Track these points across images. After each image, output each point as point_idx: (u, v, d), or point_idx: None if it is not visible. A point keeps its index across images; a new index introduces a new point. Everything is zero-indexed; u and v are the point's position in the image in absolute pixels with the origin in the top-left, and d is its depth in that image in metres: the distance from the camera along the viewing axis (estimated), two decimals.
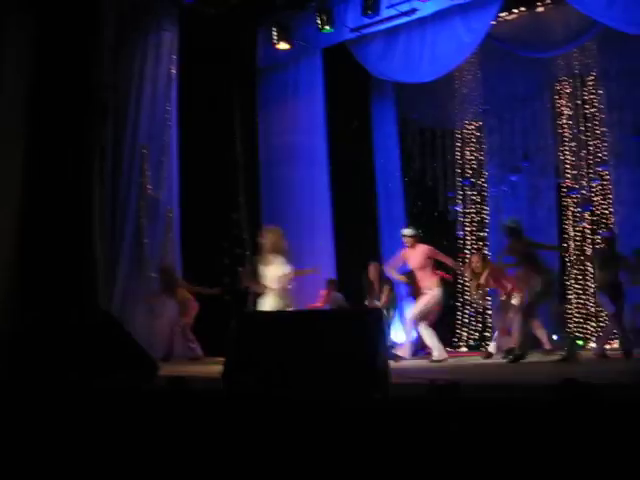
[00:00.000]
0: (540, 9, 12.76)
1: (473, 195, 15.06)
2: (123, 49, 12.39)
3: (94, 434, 4.31)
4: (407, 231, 10.57)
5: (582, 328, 13.31)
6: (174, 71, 12.87)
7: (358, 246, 13.36)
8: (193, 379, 5.83)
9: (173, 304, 12.02)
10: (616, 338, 10.76)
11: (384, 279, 11.50)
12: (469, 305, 14.65)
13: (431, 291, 10.15)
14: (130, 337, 5.94)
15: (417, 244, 10.34)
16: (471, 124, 15.20)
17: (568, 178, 13.88)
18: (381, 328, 5.24)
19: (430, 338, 10.04)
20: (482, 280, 10.66)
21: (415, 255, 10.28)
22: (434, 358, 9.78)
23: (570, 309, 13.37)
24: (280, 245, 9.05)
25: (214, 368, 6.49)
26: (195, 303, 12.05)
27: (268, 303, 8.87)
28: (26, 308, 9.86)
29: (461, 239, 14.95)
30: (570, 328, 13.23)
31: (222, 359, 5.53)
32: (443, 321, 12.04)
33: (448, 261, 10.66)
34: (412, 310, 10.35)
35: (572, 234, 13.72)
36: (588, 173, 13.66)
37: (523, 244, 9.39)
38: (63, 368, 5.18)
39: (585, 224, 13.61)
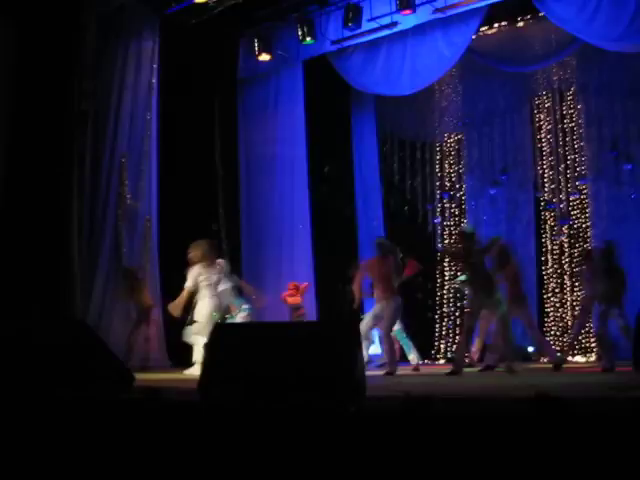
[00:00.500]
0: (520, 24, 12.88)
1: (452, 208, 15.10)
2: (104, 58, 12.37)
3: (68, 445, 4.28)
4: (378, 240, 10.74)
5: (560, 341, 13.35)
6: (154, 80, 12.85)
7: (337, 256, 13.35)
8: (168, 390, 5.80)
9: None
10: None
11: None
12: (447, 318, 14.68)
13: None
14: (106, 347, 5.91)
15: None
16: (451, 137, 15.24)
17: (546, 192, 13.94)
18: (357, 340, 5.24)
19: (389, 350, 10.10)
20: None
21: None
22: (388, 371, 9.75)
23: (547, 322, 13.41)
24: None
25: (190, 379, 6.46)
26: (157, 312, 12.06)
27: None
28: (0, 318, 9.79)
29: (440, 252, 14.97)
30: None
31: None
32: (421, 333, 12.06)
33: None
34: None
35: (550, 247, 13.77)
36: (566, 187, 13.72)
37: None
38: (36, 379, 5.14)
39: (563, 238, 13.67)
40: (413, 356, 11.07)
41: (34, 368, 5.29)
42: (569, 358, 11.84)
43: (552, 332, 13.37)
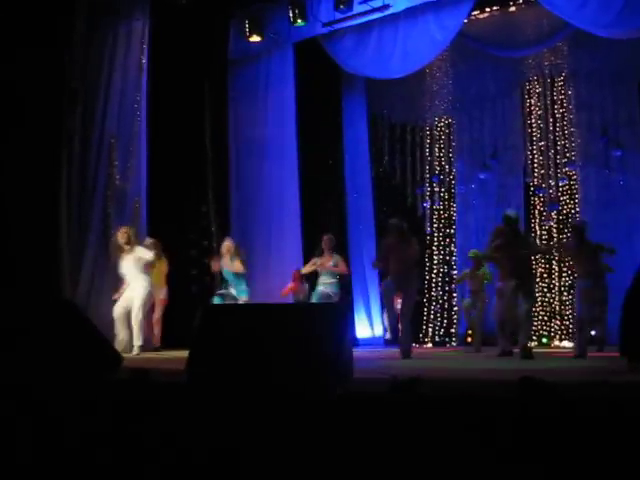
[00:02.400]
0: (512, 9, 12.85)
1: (442, 192, 15.13)
2: (93, 37, 12.30)
3: (55, 425, 4.28)
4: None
5: (547, 326, 13.43)
6: (144, 61, 12.76)
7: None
8: (156, 371, 5.81)
9: None
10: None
11: None
12: (435, 301, 14.74)
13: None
14: (93, 328, 5.90)
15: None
16: (441, 121, 15.26)
17: (536, 177, 13.98)
18: (346, 322, 5.26)
19: None
20: None
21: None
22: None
23: (535, 307, 13.46)
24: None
25: (179, 360, 6.47)
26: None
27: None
28: None
29: (429, 235, 15.02)
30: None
31: (187, 351, 5.51)
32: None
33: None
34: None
35: (539, 232, 13.82)
36: (556, 172, 13.77)
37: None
38: (23, 358, 5.14)
39: (552, 223, 13.72)
40: None
41: (18, 347, 5.29)
42: None
43: (540, 317, 13.43)
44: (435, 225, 15.07)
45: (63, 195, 11.64)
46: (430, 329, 14.68)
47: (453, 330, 14.44)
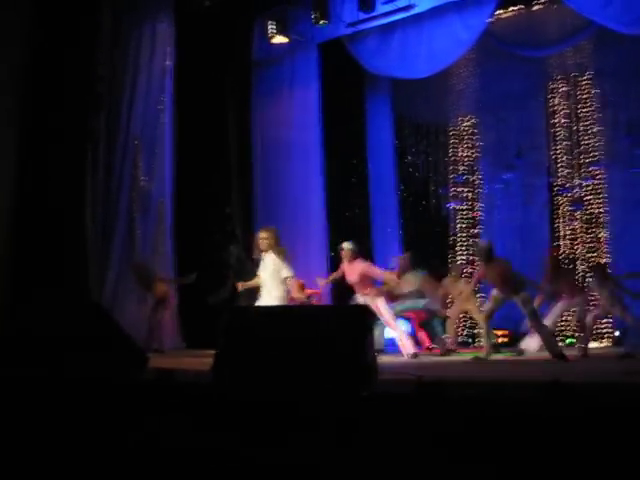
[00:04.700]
0: (536, 7, 12.77)
1: (466, 192, 15.06)
2: (118, 40, 12.38)
3: (83, 424, 4.32)
4: (346, 245, 10.34)
5: (571, 326, 13.32)
6: (169, 63, 12.84)
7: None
8: (183, 372, 5.85)
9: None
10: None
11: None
12: None
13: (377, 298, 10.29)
14: (120, 329, 5.95)
15: (354, 260, 10.22)
16: (465, 121, 15.19)
17: (561, 177, 13.90)
18: (369, 325, 5.26)
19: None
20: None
21: (353, 271, 10.22)
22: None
23: None
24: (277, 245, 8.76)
25: (205, 361, 6.48)
26: (173, 298, 12.10)
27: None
28: (18, 300, 9.86)
29: (453, 235, 14.96)
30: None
31: (213, 352, 5.54)
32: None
33: (383, 277, 10.65)
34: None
35: (563, 233, 13.74)
36: (581, 172, 13.68)
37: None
38: (53, 360, 5.19)
39: (577, 223, 13.63)
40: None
41: (48, 349, 5.34)
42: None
43: (563, 316, 13.33)
44: (460, 225, 15.00)
45: (89, 198, 11.72)
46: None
47: (476, 331, 14.36)
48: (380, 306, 10.10)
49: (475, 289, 11.65)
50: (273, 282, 8.40)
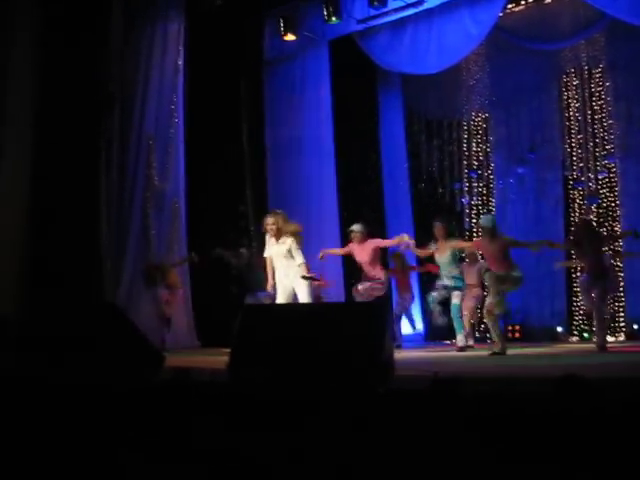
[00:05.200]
0: (547, 0, 12.74)
1: (480, 187, 15.04)
2: (130, 40, 12.41)
3: (100, 426, 4.33)
4: (356, 227, 10.53)
5: (588, 320, 13.29)
6: (181, 62, 12.87)
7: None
8: (199, 370, 5.87)
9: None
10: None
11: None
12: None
13: (381, 280, 10.43)
14: (136, 329, 5.96)
15: (365, 241, 10.44)
16: (478, 116, 15.17)
17: (575, 170, 13.85)
18: (385, 320, 5.26)
19: None
20: None
21: (364, 251, 10.38)
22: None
23: (576, 301, 13.33)
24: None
25: (220, 359, 6.50)
26: (180, 291, 12.15)
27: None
28: (32, 302, 9.91)
29: (467, 230, 14.94)
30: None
31: (228, 350, 5.55)
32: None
33: (393, 242, 10.77)
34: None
35: None
36: (595, 165, 13.63)
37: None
38: (68, 361, 5.21)
39: (591, 217, 13.58)
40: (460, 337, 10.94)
41: (64, 350, 5.36)
42: None
43: (581, 312, 13.31)
44: (474, 220, 14.97)
45: (103, 198, 11.76)
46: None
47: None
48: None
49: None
50: (289, 267, 8.48)
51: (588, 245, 9.49)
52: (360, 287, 10.41)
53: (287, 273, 8.58)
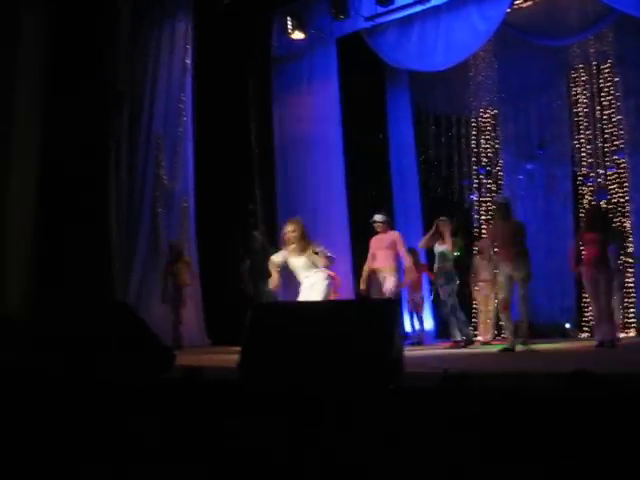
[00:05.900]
0: None
1: (489, 183, 15.02)
2: (138, 39, 12.44)
3: (111, 423, 4.35)
4: (378, 217, 10.88)
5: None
6: (188, 61, 12.89)
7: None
8: (210, 369, 5.88)
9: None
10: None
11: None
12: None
13: (391, 276, 10.51)
14: (146, 327, 5.99)
15: (387, 231, 10.84)
16: (486, 112, 15.14)
17: (584, 166, 13.81)
18: (395, 318, 5.26)
19: None
20: None
21: (381, 241, 10.75)
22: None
23: (585, 297, 13.28)
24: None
25: (231, 357, 6.51)
26: (189, 288, 12.18)
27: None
28: (42, 302, 9.94)
29: (476, 227, 14.91)
30: None
31: (239, 348, 5.56)
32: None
33: (406, 257, 10.83)
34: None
35: None
36: (604, 161, 13.59)
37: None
38: (79, 359, 5.23)
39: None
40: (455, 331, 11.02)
41: (74, 348, 5.39)
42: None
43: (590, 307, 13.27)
44: (483, 217, 14.95)
45: (112, 197, 11.79)
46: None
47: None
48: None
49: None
50: (313, 276, 8.42)
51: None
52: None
53: (312, 283, 8.45)
